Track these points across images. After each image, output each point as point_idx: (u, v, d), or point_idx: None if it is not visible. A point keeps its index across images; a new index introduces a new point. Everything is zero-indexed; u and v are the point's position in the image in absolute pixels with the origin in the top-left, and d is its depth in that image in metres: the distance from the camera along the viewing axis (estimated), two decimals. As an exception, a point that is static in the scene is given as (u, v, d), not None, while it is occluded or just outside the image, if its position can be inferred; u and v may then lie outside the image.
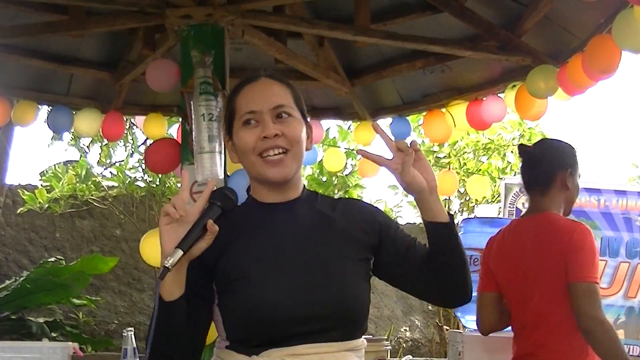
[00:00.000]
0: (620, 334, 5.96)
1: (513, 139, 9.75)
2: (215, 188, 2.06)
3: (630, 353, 5.48)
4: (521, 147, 3.64)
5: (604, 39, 4.40)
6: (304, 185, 2.33)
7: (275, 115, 2.19)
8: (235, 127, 2.23)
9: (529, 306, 3.36)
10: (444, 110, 6.05)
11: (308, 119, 2.30)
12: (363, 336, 2.23)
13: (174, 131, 6.30)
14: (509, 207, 6.11)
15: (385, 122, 6.59)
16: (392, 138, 2.18)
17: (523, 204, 6.08)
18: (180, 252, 1.94)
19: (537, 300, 3.33)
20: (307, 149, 2.26)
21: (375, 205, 2.42)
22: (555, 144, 3.57)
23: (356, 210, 2.32)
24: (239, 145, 2.21)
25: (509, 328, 3.86)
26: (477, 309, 3.59)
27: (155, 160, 5.31)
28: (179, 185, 7.57)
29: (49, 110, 6.18)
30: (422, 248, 2.28)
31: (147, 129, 6.36)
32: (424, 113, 6.30)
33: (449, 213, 2.22)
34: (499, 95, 5.68)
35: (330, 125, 9.55)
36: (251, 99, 2.21)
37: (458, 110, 5.92)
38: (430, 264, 2.24)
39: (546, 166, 3.48)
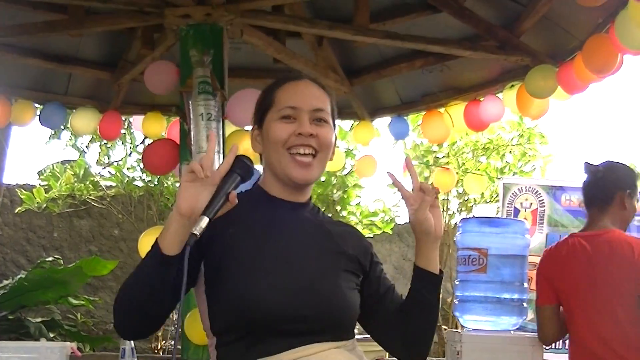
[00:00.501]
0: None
1: (512, 139, 9.75)
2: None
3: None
4: (587, 165, 3.82)
5: (601, 38, 4.40)
6: (311, 195, 2.35)
7: (313, 117, 2.21)
8: (269, 117, 2.23)
9: (605, 318, 3.54)
10: (442, 110, 6.06)
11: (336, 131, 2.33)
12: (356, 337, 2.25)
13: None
14: (507, 206, 6.11)
15: (384, 122, 6.59)
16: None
17: (521, 203, 6.10)
18: (206, 220, 1.96)
19: (616, 312, 3.52)
20: (330, 159, 2.29)
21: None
22: (618, 166, 3.79)
23: (353, 235, 2.37)
24: (270, 136, 2.21)
25: (503, 328, 3.90)
26: (539, 321, 3.80)
27: (153, 162, 5.30)
28: (177, 184, 7.57)
29: (42, 106, 6.13)
30: (399, 297, 2.33)
31: (145, 127, 6.35)
32: (423, 113, 6.30)
33: (440, 270, 2.26)
34: (497, 95, 5.68)
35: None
36: (294, 95, 2.23)
37: (457, 110, 5.92)
38: (404, 312, 2.27)
39: (607, 185, 3.71)
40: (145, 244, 4.95)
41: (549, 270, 3.75)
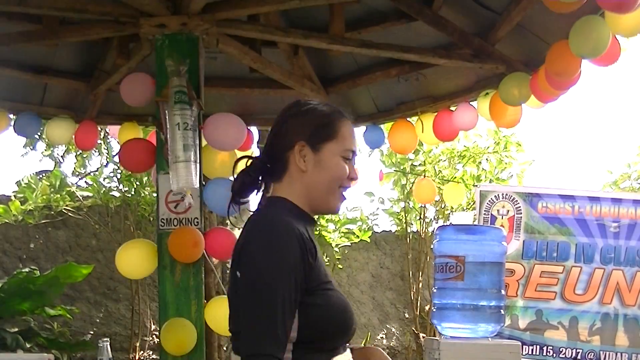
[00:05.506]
0: (596, 340, 6.00)
1: (488, 147, 9.79)
2: None
3: (607, 360, 5.71)
4: None
5: (563, 45, 4.41)
6: None
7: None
8: (329, 147, 2.34)
9: None
10: (410, 119, 6.07)
11: None
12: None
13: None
14: (484, 214, 6.12)
15: (359, 131, 6.60)
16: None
17: (498, 210, 6.11)
18: None
19: None
20: None
21: None
22: None
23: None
24: (332, 170, 2.34)
25: (481, 336, 3.91)
26: None
27: (130, 159, 5.23)
28: (154, 195, 7.53)
29: (16, 115, 6.05)
30: None
31: (122, 137, 6.32)
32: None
33: None
34: (471, 103, 5.69)
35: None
36: (354, 139, 2.42)
37: (431, 118, 5.92)
38: None
39: None
40: (122, 258, 4.89)
41: None
